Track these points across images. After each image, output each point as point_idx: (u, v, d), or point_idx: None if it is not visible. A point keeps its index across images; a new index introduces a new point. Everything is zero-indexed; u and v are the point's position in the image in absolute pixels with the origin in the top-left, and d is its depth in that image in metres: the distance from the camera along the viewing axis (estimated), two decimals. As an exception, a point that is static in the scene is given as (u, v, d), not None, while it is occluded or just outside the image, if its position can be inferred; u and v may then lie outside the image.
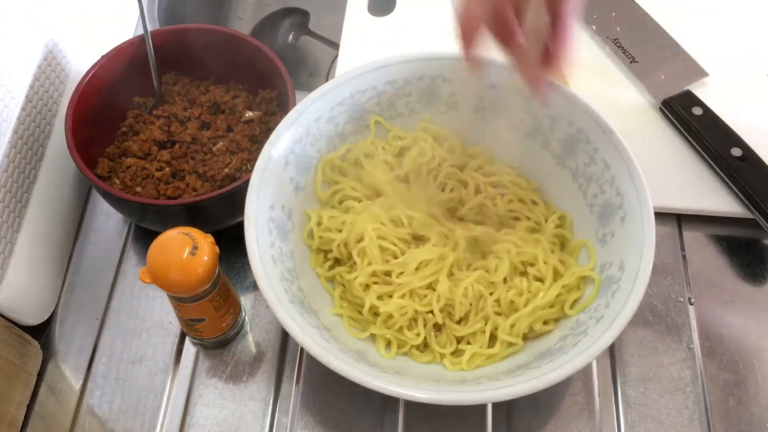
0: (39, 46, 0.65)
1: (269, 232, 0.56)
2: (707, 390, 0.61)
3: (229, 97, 0.70)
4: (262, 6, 0.97)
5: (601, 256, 0.57)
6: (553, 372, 0.48)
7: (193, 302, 0.55)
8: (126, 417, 0.60)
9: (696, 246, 0.68)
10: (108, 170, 0.66)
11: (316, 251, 0.61)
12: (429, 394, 0.48)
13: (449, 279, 0.57)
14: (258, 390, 0.61)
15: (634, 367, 0.62)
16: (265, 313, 0.65)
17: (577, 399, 0.61)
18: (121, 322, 0.65)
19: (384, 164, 0.63)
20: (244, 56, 0.69)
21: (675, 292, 0.66)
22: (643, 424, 0.60)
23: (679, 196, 0.69)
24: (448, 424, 0.60)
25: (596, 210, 0.59)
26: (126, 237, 0.70)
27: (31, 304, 0.62)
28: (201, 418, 0.60)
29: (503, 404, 0.61)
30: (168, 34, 0.69)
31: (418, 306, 0.56)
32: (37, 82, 0.64)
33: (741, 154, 0.68)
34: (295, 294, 0.55)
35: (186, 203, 0.60)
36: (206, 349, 0.63)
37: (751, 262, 0.68)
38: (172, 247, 0.52)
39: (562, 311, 0.57)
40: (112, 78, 0.68)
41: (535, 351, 0.55)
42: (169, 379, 0.62)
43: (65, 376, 0.62)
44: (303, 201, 0.61)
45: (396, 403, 0.60)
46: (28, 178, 0.63)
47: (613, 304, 0.52)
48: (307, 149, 0.60)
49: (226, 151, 0.66)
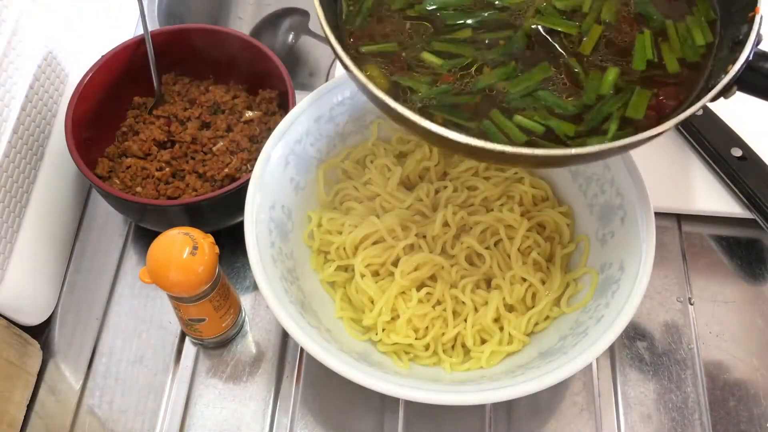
0: (39, 45, 0.65)
1: (269, 232, 0.56)
2: (707, 390, 0.61)
3: (229, 97, 0.70)
4: (262, 6, 0.97)
5: (601, 256, 0.57)
6: (553, 372, 0.48)
7: (193, 302, 0.55)
8: (126, 417, 0.60)
9: (696, 246, 0.68)
10: (108, 170, 0.66)
11: (317, 252, 0.61)
12: (429, 395, 0.48)
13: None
14: (258, 390, 0.61)
15: (634, 367, 0.62)
16: (265, 313, 0.65)
17: (577, 399, 0.61)
18: (121, 322, 0.65)
19: (384, 168, 0.63)
20: (244, 56, 0.69)
21: (675, 292, 0.66)
22: (643, 425, 0.60)
23: (679, 196, 0.69)
24: (448, 424, 0.60)
25: (596, 210, 0.59)
26: (126, 237, 0.70)
27: (31, 304, 0.62)
28: (201, 418, 0.60)
29: (503, 404, 0.61)
30: (168, 34, 0.69)
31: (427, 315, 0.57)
32: (37, 82, 0.64)
33: (741, 154, 0.68)
34: (295, 294, 0.55)
35: (186, 203, 0.60)
36: (206, 349, 0.63)
37: (751, 262, 0.68)
38: (172, 247, 0.52)
39: (559, 310, 0.57)
40: (112, 78, 0.68)
41: (535, 351, 0.55)
42: (169, 379, 0.62)
43: (65, 376, 0.62)
44: (303, 201, 0.61)
45: (396, 403, 0.60)
46: (28, 178, 0.63)
47: (613, 304, 0.52)
48: (307, 149, 0.60)
49: (226, 151, 0.66)
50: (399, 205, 0.61)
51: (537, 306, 0.57)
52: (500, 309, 0.57)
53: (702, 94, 0.48)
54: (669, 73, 0.50)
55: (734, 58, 0.46)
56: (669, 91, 0.49)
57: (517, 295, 0.57)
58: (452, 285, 0.58)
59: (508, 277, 0.58)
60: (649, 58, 0.50)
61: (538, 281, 0.58)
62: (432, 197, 0.62)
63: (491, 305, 0.57)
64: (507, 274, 0.58)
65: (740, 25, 0.49)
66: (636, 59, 0.50)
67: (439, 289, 0.58)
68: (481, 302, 0.57)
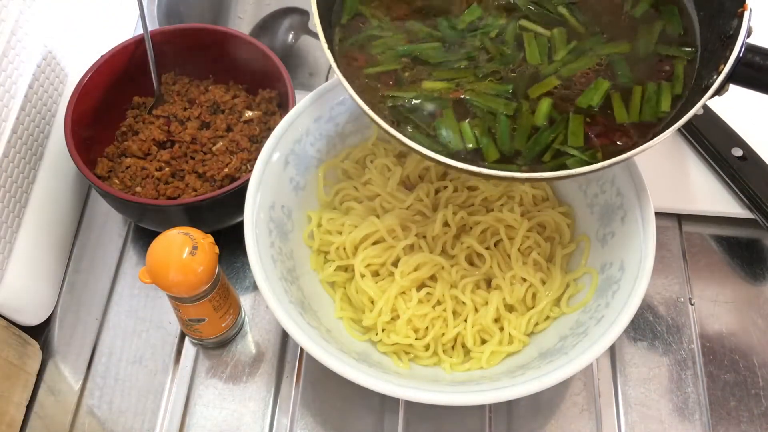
0: (38, 45, 0.65)
1: (269, 232, 0.56)
2: (707, 390, 0.61)
3: (228, 96, 0.70)
4: (262, 6, 0.97)
5: (602, 256, 0.57)
6: (554, 373, 0.48)
7: (193, 302, 0.55)
8: (125, 417, 0.60)
9: (696, 246, 0.68)
10: (107, 170, 0.66)
11: (316, 252, 0.61)
12: (429, 395, 0.48)
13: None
14: (258, 390, 0.61)
15: (634, 367, 0.62)
16: (265, 313, 0.65)
17: (577, 399, 0.61)
18: (120, 322, 0.65)
19: (384, 168, 0.63)
20: (243, 56, 0.69)
21: (675, 292, 0.66)
22: (643, 425, 0.60)
23: (680, 196, 0.69)
24: (448, 424, 0.60)
25: (596, 210, 0.59)
26: (126, 237, 0.70)
27: (31, 304, 0.62)
28: (201, 418, 0.60)
29: (503, 405, 0.61)
30: (168, 34, 0.69)
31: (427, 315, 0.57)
32: (36, 82, 0.64)
33: (741, 154, 0.68)
34: (295, 294, 0.55)
35: (186, 203, 0.60)
36: (206, 349, 0.63)
37: (751, 262, 0.68)
38: (172, 247, 0.51)
39: (559, 310, 0.57)
40: (112, 78, 0.68)
41: (535, 351, 0.55)
42: (168, 379, 0.62)
43: (65, 376, 0.62)
44: (303, 201, 0.61)
45: (396, 403, 0.60)
46: (27, 178, 0.63)
47: (613, 304, 0.52)
48: (307, 149, 0.60)
49: (225, 151, 0.66)
50: (399, 205, 0.61)
51: (537, 306, 0.57)
52: (500, 309, 0.57)
53: (695, 97, 0.48)
54: (615, 122, 0.51)
55: (725, 55, 0.46)
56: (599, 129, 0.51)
57: (517, 296, 0.57)
58: (452, 285, 0.58)
59: (509, 277, 0.58)
60: (592, 104, 0.51)
61: (539, 281, 0.58)
62: (432, 197, 0.62)
63: (491, 305, 0.56)
64: (507, 274, 0.58)
65: (729, 19, 0.49)
66: (582, 98, 0.52)
67: (439, 290, 0.58)
68: (481, 302, 0.57)
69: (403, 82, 0.53)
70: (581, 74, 0.53)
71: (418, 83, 0.53)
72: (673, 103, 0.51)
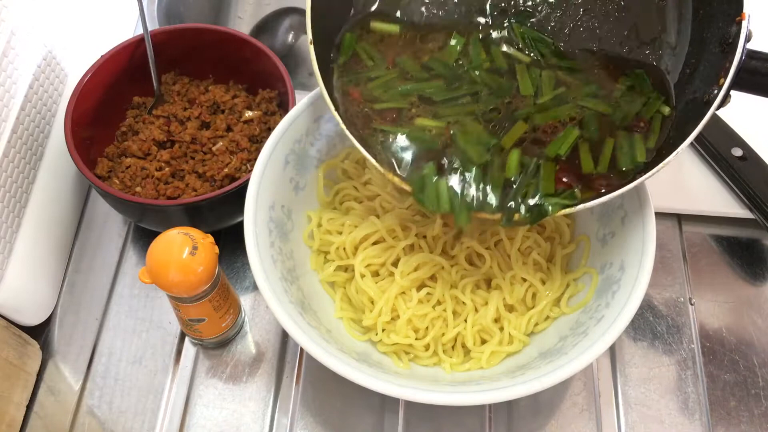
0: (38, 45, 0.65)
1: (269, 232, 0.56)
2: (707, 390, 0.61)
3: (228, 96, 0.70)
4: (262, 6, 0.97)
5: (602, 256, 0.57)
6: (553, 373, 0.48)
7: (193, 302, 0.55)
8: (125, 417, 0.60)
9: (696, 246, 0.68)
10: (107, 170, 0.66)
11: (316, 252, 0.61)
12: (429, 395, 0.48)
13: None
14: (258, 390, 0.61)
15: (634, 367, 0.62)
16: (265, 313, 0.65)
17: (577, 399, 0.61)
18: (120, 322, 0.65)
19: None
20: (244, 56, 0.69)
21: (675, 292, 0.66)
22: (643, 425, 0.60)
23: (680, 196, 0.69)
24: (448, 424, 0.60)
25: (596, 210, 0.59)
26: (126, 237, 0.70)
27: (31, 304, 0.62)
28: (201, 418, 0.60)
29: (503, 404, 0.61)
30: (168, 34, 0.69)
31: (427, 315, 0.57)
32: (36, 82, 0.64)
33: (741, 154, 0.68)
34: (295, 294, 0.55)
35: (186, 203, 0.60)
36: (206, 349, 0.63)
37: (751, 262, 0.68)
38: (172, 247, 0.51)
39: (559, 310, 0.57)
40: (112, 78, 0.68)
41: (535, 351, 0.55)
42: (168, 379, 0.62)
43: (65, 376, 0.62)
44: (303, 201, 0.61)
45: (396, 403, 0.60)
46: (27, 178, 0.63)
47: (613, 304, 0.52)
48: (307, 149, 0.60)
49: (225, 151, 0.66)
50: (399, 205, 0.61)
51: (537, 306, 0.57)
52: (500, 309, 0.57)
53: (696, 112, 0.48)
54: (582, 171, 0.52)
55: (726, 66, 0.46)
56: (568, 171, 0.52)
57: (517, 296, 0.57)
58: (452, 285, 0.58)
59: (508, 277, 0.58)
60: (560, 153, 0.52)
61: (539, 281, 0.58)
62: None
63: (491, 305, 0.56)
64: (507, 274, 0.58)
65: (727, 27, 0.48)
66: (551, 146, 0.52)
67: (439, 290, 0.57)
68: (481, 302, 0.57)
69: (404, 118, 0.54)
70: (552, 123, 0.53)
71: (413, 120, 0.54)
72: (662, 124, 0.52)
